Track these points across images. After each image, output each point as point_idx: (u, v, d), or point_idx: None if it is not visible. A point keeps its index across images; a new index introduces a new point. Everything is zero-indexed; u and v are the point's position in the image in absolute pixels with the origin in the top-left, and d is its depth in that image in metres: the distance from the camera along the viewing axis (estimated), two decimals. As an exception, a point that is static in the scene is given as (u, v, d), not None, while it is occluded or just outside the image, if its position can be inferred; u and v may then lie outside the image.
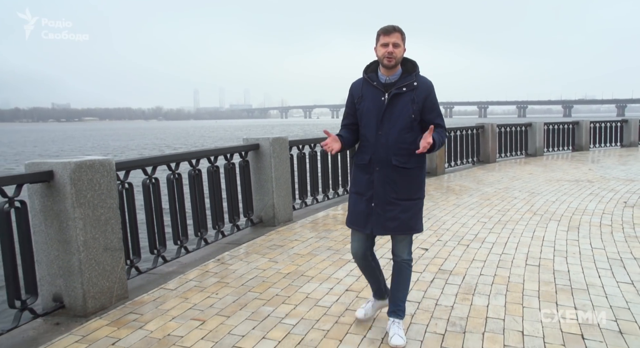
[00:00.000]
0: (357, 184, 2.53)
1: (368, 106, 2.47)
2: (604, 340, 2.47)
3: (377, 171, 2.44)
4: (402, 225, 2.45)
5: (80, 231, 2.78)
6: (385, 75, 2.45)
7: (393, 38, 2.36)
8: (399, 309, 2.56)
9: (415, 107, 2.41)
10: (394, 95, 2.41)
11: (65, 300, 2.85)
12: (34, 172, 2.69)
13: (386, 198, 2.44)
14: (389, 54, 2.35)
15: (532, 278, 3.41)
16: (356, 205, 2.53)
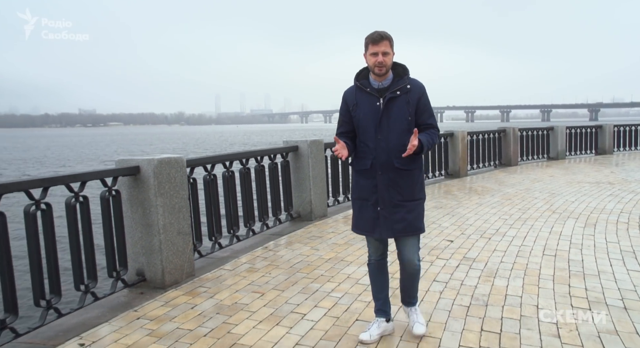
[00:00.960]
0: (360, 190, 2.56)
1: (364, 112, 2.50)
2: (609, 313, 2.87)
3: (380, 175, 2.47)
4: (409, 225, 2.50)
5: (161, 217, 3.33)
6: (377, 81, 2.49)
7: (382, 47, 2.39)
8: (414, 299, 2.69)
9: (410, 109, 2.46)
10: (389, 99, 2.45)
11: (146, 275, 3.40)
12: (125, 167, 3.26)
13: (392, 200, 2.47)
14: (379, 63, 2.40)
15: (548, 265, 3.80)
16: (362, 211, 2.57)
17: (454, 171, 9.13)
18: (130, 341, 2.60)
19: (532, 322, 2.78)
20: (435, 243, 4.47)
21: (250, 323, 2.81)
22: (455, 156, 9.20)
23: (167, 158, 3.39)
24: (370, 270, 2.71)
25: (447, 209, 6.08)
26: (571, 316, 2.85)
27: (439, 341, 2.56)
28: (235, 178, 4.40)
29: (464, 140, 9.36)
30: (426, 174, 8.55)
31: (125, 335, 2.68)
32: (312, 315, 2.92)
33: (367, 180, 2.51)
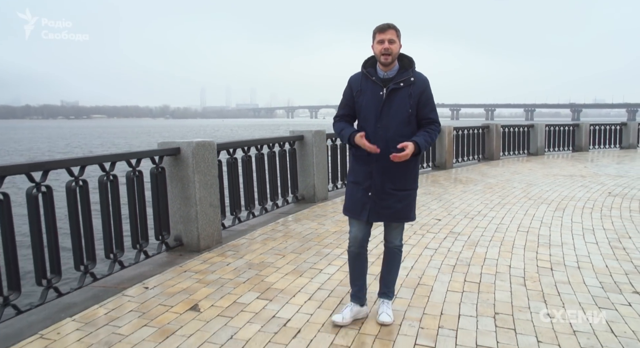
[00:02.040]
0: (356, 174, 2.63)
1: (367, 99, 2.55)
2: (565, 271, 3.58)
3: (376, 163, 2.53)
4: (397, 213, 2.58)
5: (197, 191, 3.93)
6: (383, 70, 2.54)
7: (388, 35, 2.46)
8: (390, 291, 2.77)
9: (412, 102, 2.51)
10: (392, 90, 2.50)
11: (184, 240, 4.01)
12: (169, 148, 3.85)
13: (383, 188, 2.55)
14: (385, 50, 2.45)
15: (520, 238, 4.51)
16: (353, 194, 2.63)
17: (440, 163, 9.86)
18: (184, 286, 3.22)
19: (504, 276, 3.47)
20: (425, 221, 5.16)
21: (278, 275, 3.44)
22: (442, 149, 9.93)
23: (202, 141, 3.99)
24: (349, 257, 2.74)
25: (435, 195, 6.78)
26: (535, 272, 3.55)
27: (431, 287, 3.22)
28: (252, 162, 5.01)
29: (450, 135, 10.08)
30: (415, 165, 9.24)
31: (178, 282, 3.29)
32: (328, 270, 3.57)
33: (363, 166, 2.58)
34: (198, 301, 2.95)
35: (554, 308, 2.88)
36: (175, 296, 3.04)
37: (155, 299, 3.00)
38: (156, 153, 3.72)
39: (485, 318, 2.74)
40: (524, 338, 2.49)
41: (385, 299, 2.75)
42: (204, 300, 2.98)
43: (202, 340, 2.46)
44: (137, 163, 3.52)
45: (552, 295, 3.09)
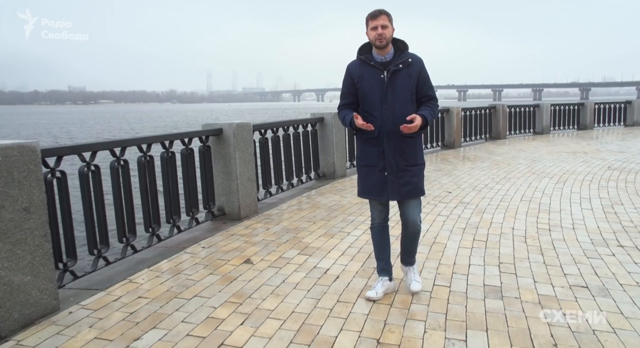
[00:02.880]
0: (367, 157, 2.73)
1: (370, 84, 2.64)
2: (562, 231, 4.10)
3: (387, 143, 2.64)
4: (415, 188, 2.71)
5: (238, 166, 4.48)
6: (380, 55, 2.64)
7: (380, 21, 2.56)
8: (412, 258, 2.91)
9: (412, 82, 2.64)
10: (393, 72, 2.61)
11: (226, 210, 4.58)
12: (213, 128, 4.38)
13: (398, 165, 2.66)
14: (379, 35, 2.56)
15: (523, 206, 5.03)
16: (368, 177, 2.73)
17: (449, 142, 10.33)
18: (234, 246, 3.80)
19: (508, 236, 4.01)
20: (437, 193, 5.69)
21: (312, 237, 4.01)
22: (450, 129, 10.38)
23: (241, 123, 4.53)
24: (373, 233, 2.90)
25: (445, 172, 7.29)
26: (535, 233, 4.08)
27: (445, 245, 3.77)
28: (280, 142, 5.54)
29: (459, 115, 10.52)
30: (425, 145, 9.74)
31: (229, 242, 3.87)
32: (354, 233, 4.12)
33: (374, 148, 2.68)
34: (249, 257, 3.53)
35: (550, 259, 3.42)
36: (229, 253, 3.62)
37: (213, 255, 3.58)
38: (204, 133, 4.26)
39: (491, 267, 3.28)
40: (523, 280, 3.04)
41: (409, 266, 2.89)
42: (253, 256, 3.56)
43: (260, 284, 3.03)
44: (189, 142, 4.06)
45: (549, 249, 3.63)
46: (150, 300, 2.79)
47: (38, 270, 2.52)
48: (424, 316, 2.56)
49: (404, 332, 2.39)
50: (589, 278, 3.05)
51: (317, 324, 2.47)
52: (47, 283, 2.58)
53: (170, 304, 2.74)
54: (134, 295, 2.88)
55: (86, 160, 3.06)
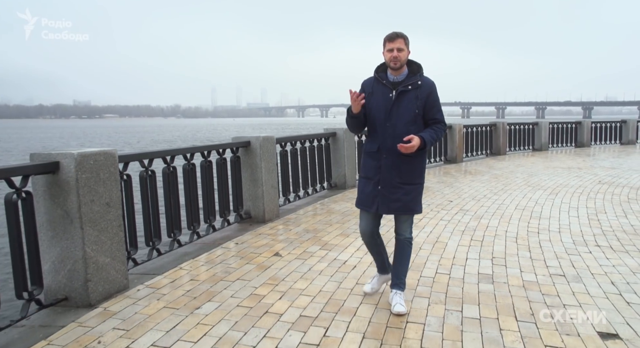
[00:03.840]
0: (366, 169, 2.86)
1: (377, 100, 2.77)
2: (548, 235, 4.67)
3: (385, 158, 2.75)
4: (404, 206, 2.78)
5: (263, 175, 5.09)
6: (393, 75, 2.78)
7: (397, 44, 2.69)
8: (401, 282, 2.92)
9: (419, 103, 2.73)
10: (400, 92, 2.74)
11: (252, 214, 5.17)
12: (242, 141, 5.00)
13: (392, 182, 2.75)
14: (394, 58, 2.69)
15: (517, 213, 5.61)
16: (364, 188, 2.86)
17: (451, 157, 10.94)
18: (263, 242, 4.38)
19: (501, 237, 4.57)
20: (440, 202, 6.27)
21: (330, 236, 4.59)
22: (453, 145, 11.00)
23: (266, 136, 5.15)
24: (364, 241, 3.04)
25: (447, 184, 7.88)
26: (525, 235, 4.65)
27: (446, 243, 4.34)
28: (297, 154, 6.16)
29: (461, 132, 11.16)
30: (428, 159, 10.35)
31: (258, 240, 4.45)
32: (367, 233, 4.70)
33: (373, 161, 2.81)
34: (278, 251, 4.11)
35: (536, 255, 3.99)
36: (260, 248, 4.20)
37: (246, 249, 4.16)
38: (235, 144, 4.89)
39: (485, 260, 3.85)
40: (511, 270, 3.61)
41: (397, 290, 2.91)
42: (281, 250, 4.14)
43: (290, 271, 3.61)
44: (223, 152, 4.69)
45: (536, 248, 4.20)
46: (201, 282, 3.37)
47: (115, 254, 3.11)
48: (428, 294, 3.12)
49: (412, 304, 2.95)
50: (567, 269, 3.62)
51: (341, 299, 3.04)
52: (120, 265, 3.17)
53: (218, 285, 3.31)
54: (187, 278, 3.46)
55: (145, 166, 3.67)
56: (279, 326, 2.67)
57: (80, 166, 2.82)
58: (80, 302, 2.91)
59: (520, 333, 2.57)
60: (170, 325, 2.68)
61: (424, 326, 2.67)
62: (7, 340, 2.53)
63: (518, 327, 2.64)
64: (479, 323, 2.69)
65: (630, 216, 5.45)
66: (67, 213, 2.84)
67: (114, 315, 2.81)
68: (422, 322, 2.71)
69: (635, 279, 3.39)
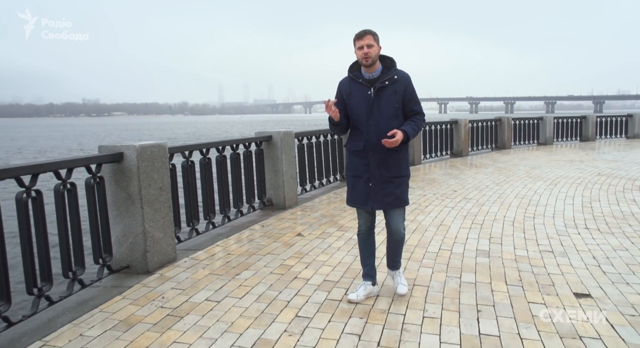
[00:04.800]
0: (354, 168, 2.88)
1: (357, 100, 2.78)
2: (543, 219, 5.16)
3: (372, 155, 2.78)
4: (397, 198, 2.84)
5: (284, 166, 5.63)
6: (368, 72, 2.78)
7: (366, 40, 2.69)
8: (397, 263, 3.07)
9: (398, 98, 2.76)
10: (378, 88, 2.75)
11: (273, 201, 5.72)
12: (264, 135, 5.54)
13: (382, 177, 2.80)
14: (365, 55, 2.69)
15: (516, 201, 6.10)
16: (355, 187, 2.89)
17: (457, 151, 11.41)
18: (285, 225, 4.93)
19: (499, 221, 5.07)
20: (444, 192, 6.77)
21: (345, 220, 5.12)
22: (459, 139, 11.47)
23: (286, 131, 5.69)
24: (359, 240, 3.07)
25: (452, 175, 8.37)
26: (522, 219, 5.14)
27: (449, 226, 4.85)
28: (313, 147, 6.69)
29: (466, 127, 11.61)
30: (435, 153, 10.84)
31: (281, 223, 5.00)
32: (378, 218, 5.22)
33: (360, 159, 2.83)
34: (300, 232, 4.65)
35: (529, 235, 4.49)
36: (283, 230, 4.75)
37: (272, 231, 4.72)
38: (259, 139, 5.44)
39: (483, 239, 4.36)
40: (506, 247, 4.11)
41: (395, 270, 3.07)
42: (303, 231, 4.68)
43: (312, 247, 4.15)
44: (249, 145, 5.23)
45: (530, 230, 4.70)
46: (237, 255, 3.93)
47: (166, 230, 3.68)
48: (432, 265, 3.65)
49: (418, 273, 3.48)
50: (555, 246, 4.12)
51: (357, 268, 3.57)
52: (170, 240, 3.73)
53: (252, 258, 3.87)
54: (223, 253, 4.02)
55: (186, 157, 4.22)
56: (307, 287, 3.22)
57: (140, 156, 3.38)
58: (140, 270, 3.48)
59: (508, 293, 3.09)
60: (217, 286, 3.24)
61: (428, 288, 3.20)
62: (89, 295, 3.10)
63: (507, 289, 3.16)
64: (475, 286, 3.21)
65: (622, 204, 5.91)
66: (129, 195, 3.40)
67: (170, 279, 3.38)
68: (427, 285, 3.24)
69: (615, 255, 3.88)
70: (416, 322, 2.69)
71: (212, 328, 2.64)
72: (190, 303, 2.97)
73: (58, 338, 2.54)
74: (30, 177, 2.70)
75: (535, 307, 2.88)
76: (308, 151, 6.61)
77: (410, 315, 2.78)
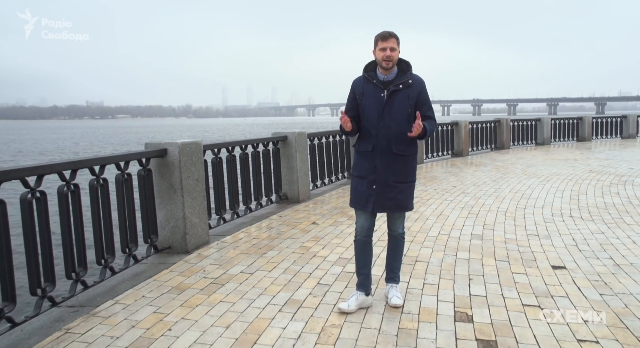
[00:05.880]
0: (360, 169, 2.85)
1: (369, 101, 2.76)
2: (533, 209, 5.71)
3: (379, 158, 2.76)
4: (398, 203, 2.81)
5: (297, 163, 6.20)
6: (383, 74, 2.76)
7: (390, 43, 2.67)
8: (396, 276, 3.02)
9: (411, 102, 2.73)
10: (392, 91, 2.73)
11: (288, 195, 6.28)
12: (280, 135, 6.12)
13: (387, 181, 2.77)
14: (387, 57, 2.67)
15: (510, 194, 6.65)
16: (358, 187, 2.85)
17: (458, 151, 11.96)
18: (301, 215, 5.49)
19: (493, 211, 5.62)
20: (445, 187, 7.33)
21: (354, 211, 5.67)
22: (459, 140, 12.02)
23: (300, 131, 6.26)
24: (356, 246, 2.99)
25: (453, 173, 8.93)
26: (514, 210, 5.69)
27: (448, 216, 5.40)
28: (323, 147, 7.26)
29: (466, 128, 12.17)
30: (437, 153, 11.40)
31: (297, 214, 5.57)
32: (383, 209, 5.80)
33: (367, 161, 2.81)
34: (314, 221, 5.22)
35: (519, 222, 5.04)
36: (299, 219, 5.31)
37: (289, 220, 5.28)
38: (276, 138, 6.01)
39: (477, 226, 4.92)
40: (497, 232, 4.67)
41: (393, 283, 3.01)
42: (317, 220, 5.24)
43: (327, 233, 4.71)
44: (267, 144, 5.81)
45: (520, 218, 5.25)
46: (261, 240, 4.49)
47: (201, 217, 4.25)
48: (432, 246, 4.21)
49: (420, 252, 4.04)
50: (541, 231, 4.68)
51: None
52: (204, 226, 4.31)
53: (275, 241, 4.43)
54: (248, 238, 4.59)
55: (215, 153, 4.79)
56: (325, 263, 3.78)
57: (181, 152, 3.95)
58: (180, 250, 4.05)
59: (496, 266, 3.65)
60: (249, 262, 3.81)
61: (428, 263, 3.75)
62: (141, 269, 3.68)
63: (495, 263, 3.72)
64: (468, 262, 3.77)
65: (606, 196, 6.46)
66: (171, 186, 3.97)
67: (207, 257, 3.95)
68: (427, 261, 3.80)
69: (592, 237, 4.43)
70: (418, 287, 3.25)
71: (249, 292, 3.21)
72: (228, 275, 3.54)
73: (125, 298, 3.11)
74: (99, 168, 3.27)
75: (518, 276, 3.43)
76: (319, 150, 7.17)
77: (413, 282, 3.34)
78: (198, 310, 2.92)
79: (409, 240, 4.37)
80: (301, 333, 2.61)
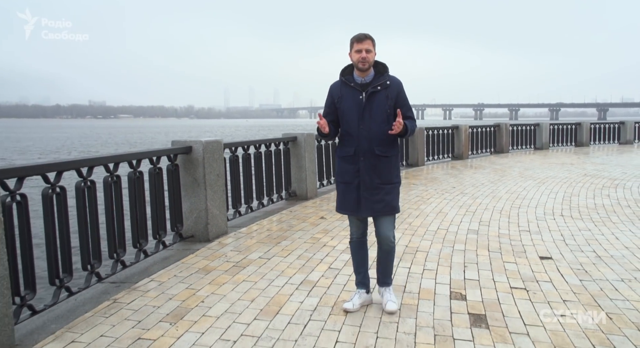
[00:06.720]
0: (344, 174, 2.84)
1: (348, 104, 2.76)
2: (527, 209, 6.10)
3: (362, 161, 2.75)
4: (387, 205, 2.79)
5: (306, 162, 6.60)
6: (360, 77, 2.76)
7: (365, 45, 2.68)
8: (388, 279, 3.00)
9: (390, 103, 2.73)
10: (370, 93, 2.73)
11: (297, 193, 6.68)
12: (290, 136, 6.52)
13: (372, 183, 2.76)
14: (363, 59, 2.68)
15: (506, 195, 7.04)
16: (345, 193, 2.84)
17: (458, 154, 12.36)
18: (310, 211, 5.89)
19: (490, 210, 6.02)
20: (444, 188, 7.73)
21: (359, 208, 6.08)
22: (459, 143, 12.42)
23: (309, 133, 6.67)
24: (351, 247, 3.02)
25: (452, 175, 9.32)
26: (509, 209, 6.09)
27: (447, 213, 5.80)
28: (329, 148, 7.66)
29: (466, 132, 12.57)
30: (437, 156, 11.80)
31: (307, 210, 5.97)
32: (387, 206, 6.20)
33: (350, 165, 2.80)
34: (323, 215, 5.62)
35: (512, 220, 5.43)
36: (308, 214, 5.71)
37: (299, 214, 5.68)
38: (286, 139, 6.42)
39: (474, 222, 5.31)
40: (492, 228, 5.06)
41: (385, 287, 2.99)
42: (325, 215, 5.64)
43: (335, 226, 5.10)
44: (279, 144, 6.21)
45: (514, 216, 5.64)
46: (274, 231, 4.90)
47: (221, 208, 4.65)
48: (431, 239, 4.60)
49: (420, 243, 4.43)
50: (532, 227, 5.07)
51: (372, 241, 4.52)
52: (224, 217, 4.71)
53: (287, 232, 4.83)
54: (262, 229, 4.99)
55: (233, 151, 5.20)
56: (335, 251, 4.18)
57: (205, 149, 4.36)
58: (202, 238, 4.45)
59: (489, 256, 4.04)
60: (265, 250, 4.21)
61: (427, 253, 4.15)
62: (169, 254, 4.08)
63: (488, 254, 4.11)
64: (464, 252, 4.16)
65: (597, 198, 6.84)
66: (195, 180, 4.38)
67: (227, 245, 4.35)
68: (427, 251, 4.20)
69: (579, 233, 4.82)
70: (418, 272, 3.64)
71: (268, 273, 3.61)
72: (248, 260, 3.94)
73: (159, 277, 3.52)
74: (136, 162, 3.68)
75: (508, 264, 3.83)
76: (325, 151, 7.57)
77: (413, 268, 3.73)
78: (225, 287, 3.33)
79: (409, 234, 4.77)
80: (317, 306, 3.01)
